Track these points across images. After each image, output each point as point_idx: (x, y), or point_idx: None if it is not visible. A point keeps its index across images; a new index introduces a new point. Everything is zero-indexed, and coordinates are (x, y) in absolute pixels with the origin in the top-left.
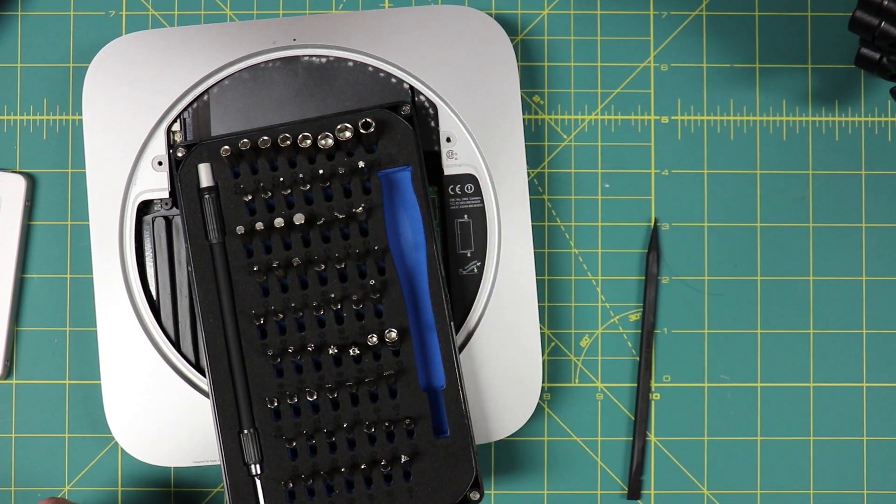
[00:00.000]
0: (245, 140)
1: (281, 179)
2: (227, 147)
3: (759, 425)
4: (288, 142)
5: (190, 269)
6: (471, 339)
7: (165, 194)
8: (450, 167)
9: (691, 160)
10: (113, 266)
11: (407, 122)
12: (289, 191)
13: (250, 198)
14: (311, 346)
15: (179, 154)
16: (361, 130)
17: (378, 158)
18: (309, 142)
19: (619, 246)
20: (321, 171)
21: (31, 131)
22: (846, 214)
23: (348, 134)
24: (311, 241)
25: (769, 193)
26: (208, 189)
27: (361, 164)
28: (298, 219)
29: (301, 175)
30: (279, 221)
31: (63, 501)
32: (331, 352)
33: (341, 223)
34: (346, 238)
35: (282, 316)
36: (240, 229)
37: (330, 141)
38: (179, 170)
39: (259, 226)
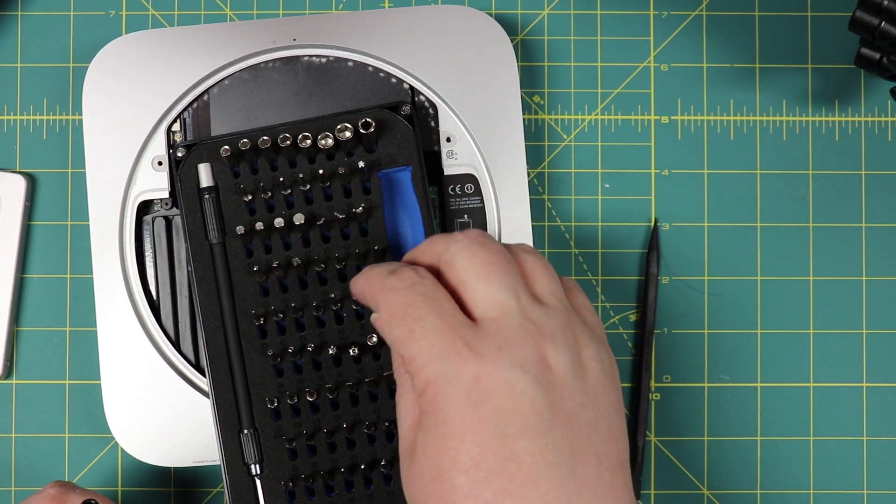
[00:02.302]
0: (245, 140)
1: (281, 179)
2: (227, 147)
3: (759, 425)
4: (288, 142)
5: (190, 269)
6: None
7: (165, 194)
8: (450, 167)
9: (691, 160)
10: (113, 266)
11: (407, 122)
12: (289, 191)
13: (250, 198)
14: (310, 346)
15: (179, 154)
16: (361, 130)
17: (378, 158)
18: (309, 142)
19: (619, 246)
20: (321, 171)
21: (31, 131)
22: (846, 214)
23: (348, 134)
24: (310, 241)
25: (769, 193)
26: (208, 189)
27: (361, 164)
28: (298, 219)
29: (301, 175)
30: (279, 221)
31: (69, 485)
32: (331, 352)
33: (341, 223)
34: (346, 238)
35: (282, 316)
36: (240, 229)
37: (330, 141)
38: (179, 170)
39: (259, 226)
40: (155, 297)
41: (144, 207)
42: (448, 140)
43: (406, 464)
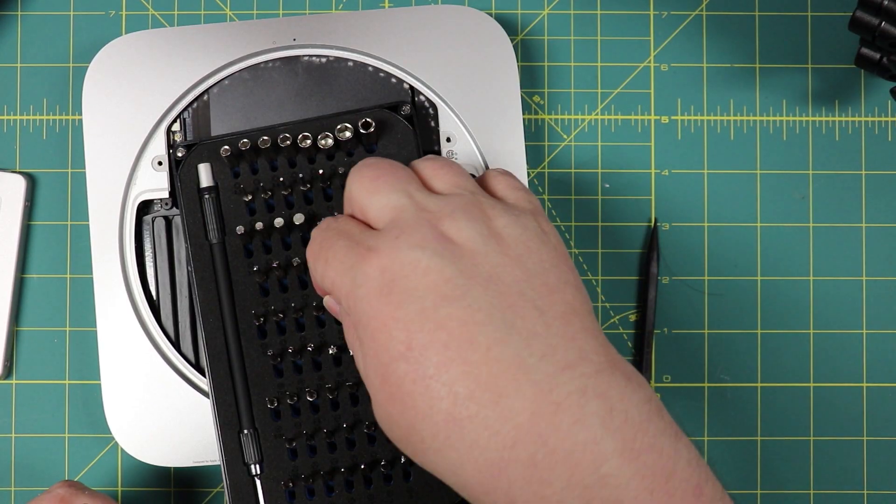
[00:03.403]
0: (245, 140)
1: (281, 179)
2: (226, 147)
3: (759, 425)
4: (288, 142)
5: (190, 269)
6: None
7: (165, 194)
8: None
9: (691, 160)
10: (113, 266)
11: (407, 122)
12: (289, 191)
13: (250, 198)
14: (310, 346)
15: (179, 154)
16: (361, 130)
17: None
18: (309, 142)
19: (619, 246)
20: (321, 171)
21: (31, 131)
22: (846, 214)
23: (348, 134)
24: None
25: (769, 193)
26: (208, 189)
27: None
28: (298, 219)
29: (301, 175)
30: (279, 221)
31: (77, 485)
32: (331, 352)
33: None
34: None
35: (282, 316)
36: (240, 229)
37: (330, 141)
38: (179, 170)
39: (259, 226)
40: (155, 297)
41: (144, 207)
42: (448, 140)
43: (372, 397)
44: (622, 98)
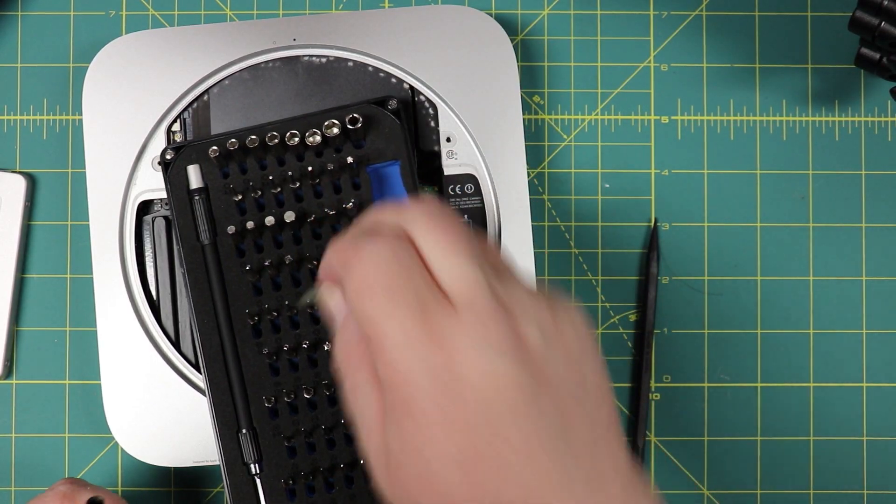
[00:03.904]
0: (233, 140)
1: (270, 178)
2: (215, 148)
3: (759, 425)
4: (276, 140)
5: (183, 270)
6: None
7: (165, 194)
8: (450, 167)
9: (691, 160)
10: (113, 266)
11: (394, 117)
12: (278, 189)
13: (240, 197)
14: (306, 344)
15: (168, 156)
16: (349, 126)
17: (367, 154)
18: (297, 139)
19: (619, 246)
20: (310, 169)
21: (31, 131)
22: (846, 214)
23: (336, 130)
24: (302, 238)
25: (769, 193)
26: (198, 190)
27: (350, 159)
28: (289, 217)
29: (290, 173)
30: (270, 220)
31: (79, 482)
32: (326, 348)
33: (332, 220)
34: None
35: (276, 314)
36: (231, 229)
37: (318, 138)
38: (169, 172)
39: (250, 225)
40: (155, 297)
41: (144, 207)
42: (448, 140)
43: (380, 464)
44: (622, 98)
